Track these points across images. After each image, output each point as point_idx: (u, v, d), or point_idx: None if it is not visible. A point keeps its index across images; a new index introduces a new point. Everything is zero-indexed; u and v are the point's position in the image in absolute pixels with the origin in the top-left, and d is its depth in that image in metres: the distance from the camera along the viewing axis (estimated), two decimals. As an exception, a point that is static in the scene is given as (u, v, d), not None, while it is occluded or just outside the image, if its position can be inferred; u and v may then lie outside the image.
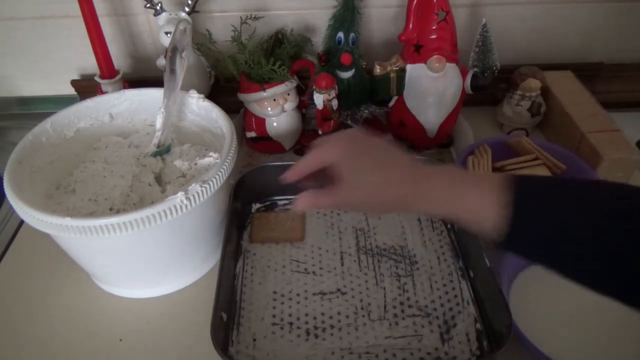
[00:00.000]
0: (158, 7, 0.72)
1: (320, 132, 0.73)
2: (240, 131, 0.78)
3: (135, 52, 0.86)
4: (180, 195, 0.49)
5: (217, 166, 0.54)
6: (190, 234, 0.57)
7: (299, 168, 0.48)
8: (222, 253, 0.56)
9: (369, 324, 0.55)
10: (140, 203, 0.58)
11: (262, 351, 0.53)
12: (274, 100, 0.72)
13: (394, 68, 0.70)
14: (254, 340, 0.54)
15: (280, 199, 0.70)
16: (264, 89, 0.71)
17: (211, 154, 0.59)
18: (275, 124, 0.75)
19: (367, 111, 0.77)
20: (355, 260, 0.62)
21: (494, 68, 0.69)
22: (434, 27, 0.68)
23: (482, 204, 0.40)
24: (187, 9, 0.73)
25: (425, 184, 0.43)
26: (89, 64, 0.84)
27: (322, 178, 0.48)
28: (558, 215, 0.38)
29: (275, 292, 0.58)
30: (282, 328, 0.55)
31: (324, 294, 0.58)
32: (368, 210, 0.55)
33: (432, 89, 0.70)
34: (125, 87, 0.77)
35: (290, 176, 0.49)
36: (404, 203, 0.44)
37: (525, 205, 0.39)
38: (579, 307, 0.55)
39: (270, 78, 0.71)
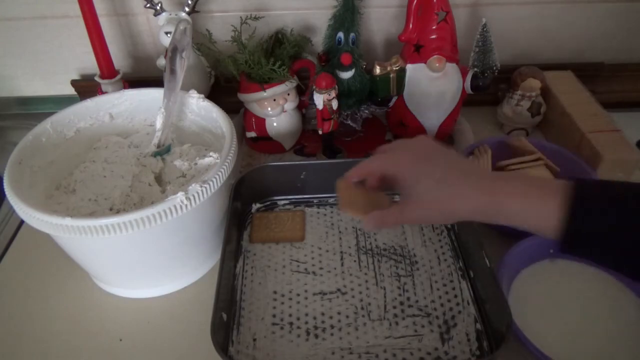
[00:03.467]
0: (158, 7, 0.72)
1: (320, 132, 0.73)
2: (240, 131, 0.79)
3: (135, 52, 0.86)
4: (180, 195, 0.49)
5: (217, 166, 0.54)
6: (190, 234, 0.57)
7: (361, 170, 0.49)
8: (222, 253, 0.56)
9: (369, 324, 0.55)
10: (140, 203, 0.58)
11: (262, 351, 0.53)
12: (274, 100, 0.72)
13: (394, 68, 0.70)
14: (254, 340, 0.54)
15: (280, 199, 0.70)
16: (264, 89, 0.71)
17: (211, 154, 0.60)
18: (275, 124, 0.75)
19: (367, 111, 0.77)
20: (355, 260, 0.62)
21: (494, 68, 0.69)
22: (434, 27, 0.68)
23: (546, 213, 0.40)
24: (187, 9, 0.73)
25: (491, 198, 0.43)
26: (89, 64, 0.84)
27: (385, 182, 0.48)
28: (614, 217, 0.38)
29: (275, 292, 0.58)
30: (282, 328, 0.55)
31: (324, 294, 0.58)
32: (435, 223, 0.54)
33: (432, 89, 0.70)
34: (125, 87, 0.77)
35: (351, 176, 0.50)
36: (471, 217, 0.44)
37: (582, 209, 0.39)
38: (579, 307, 0.55)
39: (270, 78, 0.71)
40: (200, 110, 0.65)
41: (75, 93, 0.88)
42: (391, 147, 0.49)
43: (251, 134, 0.77)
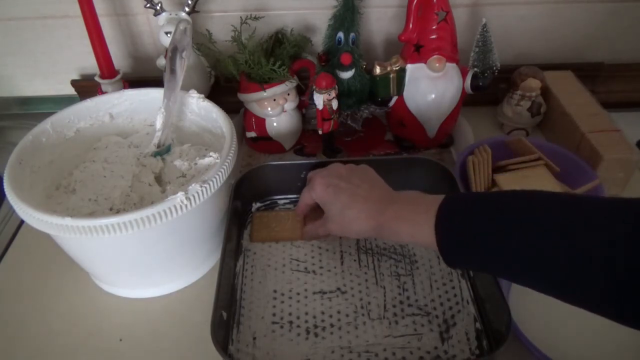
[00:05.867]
0: (158, 7, 0.72)
1: (320, 132, 0.73)
2: (240, 131, 0.79)
3: (135, 52, 0.86)
4: (180, 195, 0.49)
5: (217, 166, 0.54)
6: (190, 234, 0.57)
7: (300, 207, 0.62)
8: (222, 252, 0.56)
9: (368, 323, 0.55)
10: (140, 203, 0.58)
11: (262, 350, 0.53)
12: (274, 100, 0.72)
13: (394, 68, 0.70)
14: (254, 338, 0.54)
15: (280, 199, 0.70)
16: (264, 89, 0.71)
17: (211, 154, 0.60)
18: (275, 124, 0.75)
19: (367, 111, 0.77)
20: (355, 260, 0.62)
21: (494, 68, 0.69)
22: (434, 27, 0.68)
23: (424, 230, 0.45)
24: (187, 9, 0.73)
25: (383, 218, 0.50)
26: (89, 64, 0.84)
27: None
28: (475, 225, 0.42)
29: (275, 291, 0.58)
30: (282, 327, 0.55)
31: (324, 293, 0.58)
32: (351, 237, 0.62)
33: (432, 89, 0.70)
34: (125, 87, 0.78)
35: (297, 212, 0.63)
36: (374, 233, 0.51)
37: (444, 225, 0.44)
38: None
39: (270, 78, 0.71)
40: (200, 110, 0.65)
41: (75, 93, 0.88)
42: (310, 176, 0.60)
43: (251, 134, 0.77)
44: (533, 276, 0.40)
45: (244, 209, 0.68)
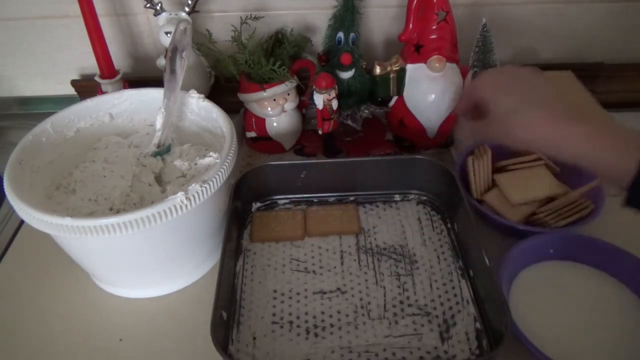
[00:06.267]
0: (158, 7, 0.72)
1: (320, 132, 0.73)
2: (240, 131, 0.79)
3: (135, 52, 0.86)
4: (180, 195, 0.49)
5: (217, 166, 0.54)
6: (190, 234, 0.57)
7: (461, 104, 0.57)
8: (222, 252, 0.56)
9: (368, 323, 0.55)
10: (140, 203, 0.58)
11: (262, 350, 0.53)
12: (274, 100, 0.72)
13: (394, 68, 0.70)
14: (254, 338, 0.54)
15: (280, 199, 0.70)
16: (264, 89, 0.71)
17: (211, 154, 0.60)
18: (275, 124, 0.75)
19: (367, 111, 0.77)
20: (355, 260, 0.62)
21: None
22: (434, 27, 0.68)
23: (625, 160, 0.41)
24: (187, 9, 0.73)
25: (567, 131, 0.44)
26: (89, 64, 0.84)
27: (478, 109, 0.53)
28: None
29: (275, 291, 0.58)
30: (282, 327, 0.55)
31: (324, 292, 0.58)
32: (509, 144, 0.55)
33: (432, 89, 0.70)
34: (125, 87, 0.78)
35: (458, 109, 0.58)
36: (548, 144, 0.46)
37: None
38: (579, 307, 0.55)
39: (270, 78, 0.71)
40: (200, 110, 0.65)
41: (75, 93, 0.88)
42: (479, 76, 0.55)
43: (251, 134, 0.77)
44: None
45: (244, 209, 0.68)
